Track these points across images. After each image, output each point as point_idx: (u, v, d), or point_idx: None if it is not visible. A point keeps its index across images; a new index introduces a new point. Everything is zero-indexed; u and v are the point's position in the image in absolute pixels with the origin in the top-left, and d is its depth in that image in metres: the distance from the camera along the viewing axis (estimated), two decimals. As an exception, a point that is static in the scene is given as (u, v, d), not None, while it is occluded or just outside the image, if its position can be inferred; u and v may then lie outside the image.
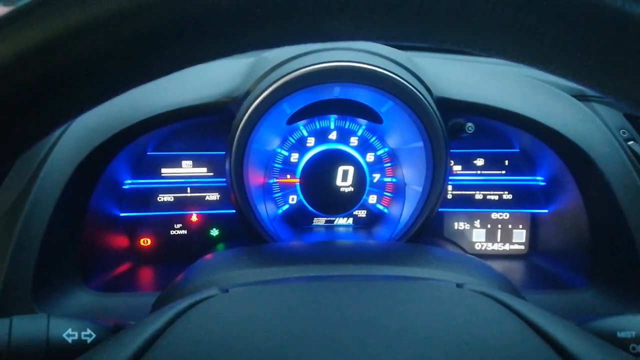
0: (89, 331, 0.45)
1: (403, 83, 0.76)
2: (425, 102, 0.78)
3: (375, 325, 0.36)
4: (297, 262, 0.55)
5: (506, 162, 0.96)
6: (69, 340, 0.44)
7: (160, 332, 0.36)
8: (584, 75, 0.27)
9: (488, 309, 0.40)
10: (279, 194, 0.97)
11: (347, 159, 0.95)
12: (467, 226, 1.00)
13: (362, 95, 0.88)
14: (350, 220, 1.00)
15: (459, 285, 0.44)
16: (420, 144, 0.82)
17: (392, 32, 0.26)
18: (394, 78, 0.76)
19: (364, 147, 0.96)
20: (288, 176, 0.96)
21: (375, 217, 1.00)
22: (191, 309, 0.39)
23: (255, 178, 0.91)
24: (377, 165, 0.97)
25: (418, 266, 0.54)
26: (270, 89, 0.76)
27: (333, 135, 0.96)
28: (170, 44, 0.24)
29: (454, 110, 0.83)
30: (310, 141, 0.96)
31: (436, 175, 0.81)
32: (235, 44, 0.26)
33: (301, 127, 0.95)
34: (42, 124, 0.26)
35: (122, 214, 0.93)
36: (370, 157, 0.97)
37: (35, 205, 0.71)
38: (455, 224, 1.00)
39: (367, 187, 0.97)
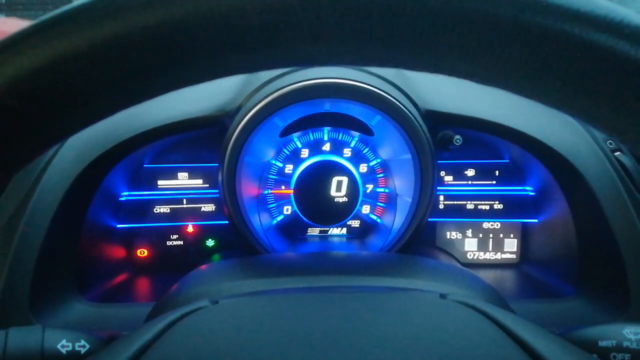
0: (82, 342, 0.46)
1: (389, 98, 0.78)
2: (411, 116, 0.79)
3: (357, 336, 0.37)
4: (287, 273, 0.56)
5: (496, 173, 0.98)
6: (63, 351, 0.45)
7: (150, 343, 0.37)
8: (546, 98, 0.28)
9: (469, 319, 0.41)
10: (274, 204, 0.99)
11: (341, 169, 0.97)
12: (459, 236, 1.01)
13: (352, 109, 0.90)
14: (344, 230, 1.01)
15: (442, 296, 0.46)
16: (409, 156, 0.84)
17: (363, 58, 0.27)
18: (380, 94, 0.78)
19: (357, 158, 0.98)
20: (282, 187, 0.98)
21: (368, 227, 1.01)
22: (181, 320, 0.41)
23: (249, 189, 0.92)
24: (370, 176, 0.98)
25: (405, 277, 0.56)
26: (260, 105, 0.78)
27: (327, 147, 0.97)
28: (156, 72, 0.26)
29: (442, 122, 0.84)
30: (304, 152, 0.97)
31: (424, 186, 0.83)
32: (210, 71, 0.27)
33: (295, 139, 0.96)
34: (34, 144, 0.28)
35: (119, 226, 0.94)
36: (363, 168, 0.98)
37: (33, 217, 0.72)
38: (448, 233, 1.01)
39: (361, 198, 0.98)
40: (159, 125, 0.80)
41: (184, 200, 0.97)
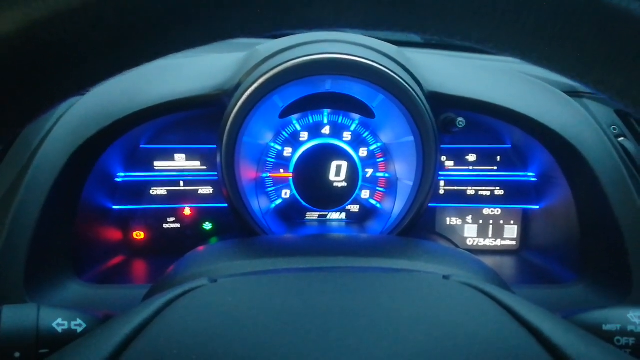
0: (79, 321, 0.45)
1: (393, 76, 0.76)
2: (416, 95, 0.78)
3: (360, 315, 0.36)
4: (287, 254, 0.55)
5: (498, 158, 0.97)
6: (59, 329, 0.44)
7: (148, 321, 0.36)
8: (565, 67, 0.27)
9: (473, 300, 0.40)
10: (272, 188, 0.97)
11: (341, 153, 0.96)
12: (459, 221, 1.00)
13: (354, 89, 0.88)
14: (343, 215, 1.00)
15: (445, 277, 0.45)
16: (411, 138, 0.83)
17: (374, 20, 0.26)
18: (384, 71, 0.76)
19: (357, 142, 0.96)
20: (281, 170, 0.97)
21: (367, 212, 1.00)
22: (179, 298, 0.40)
23: (247, 172, 0.91)
24: (370, 160, 0.97)
25: (407, 259, 0.55)
26: (260, 81, 0.76)
27: (326, 130, 0.96)
28: (152, 31, 0.25)
29: (445, 104, 0.83)
30: (304, 135, 0.96)
31: (426, 169, 0.82)
32: (218, 31, 0.26)
33: (294, 121, 0.95)
34: (31, 103, 0.26)
35: (114, 207, 0.93)
36: (363, 152, 0.97)
37: (27, 197, 0.71)
38: (447, 219, 1.01)
39: (360, 182, 0.97)
40: (155, 103, 0.78)
41: (181, 182, 0.95)
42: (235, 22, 0.25)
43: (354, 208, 1.00)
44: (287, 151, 0.96)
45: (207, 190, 0.96)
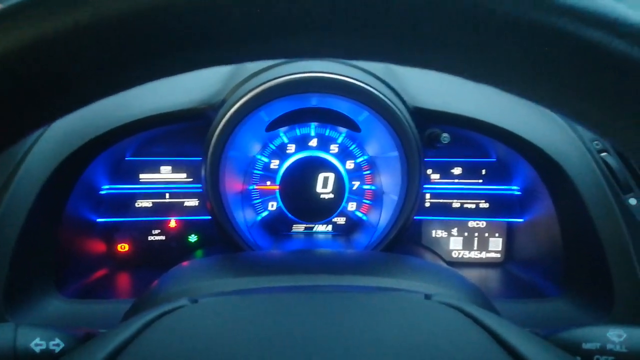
0: (57, 340, 0.45)
1: (376, 94, 0.77)
2: (399, 113, 0.79)
3: (340, 337, 0.36)
4: (269, 272, 0.55)
5: (483, 172, 0.98)
6: (37, 350, 0.44)
7: (127, 342, 0.36)
8: (541, 97, 0.28)
9: (453, 321, 0.40)
10: (258, 200, 0.97)
11: (327, 166, 0.96)
12: (445, 234, 1.01)
13: (340, 104, 0.88)
14: (330, 227, 1.01)
15: (427, 297, 0.45)
16: (396, 153, 0.83)
17: (353, 51, 0.26)
18: (367, 89, 0.77)
19: (344, 154, 0.97)
20: (268, 183, 0.97)
21: (354, 224, 1.00)
22: (159, 319, 0.39)
23: (233, 184, 0.91)
24: (356, 173, 0.98)
25: (390, 276, 0.55)
26: (245, 98, 0.76)
27: (313, 143, 0.96)
28: (132, 61, 0.25)
29: (430, 120, 0.84)
30: (291, 148, 0.96)
31: (411, 184, 0.82)
32: (199, 60, 0.26)
33: (281, 134, 0.95)
34: (14, 126, 0.26)
35: (99, 220, 0.92)
36: (350, 164, 0.97)
37: (9, 210, 0.70)
38: (433, 231, 1.01)
39: (347, 195, 0.97)
40: (141, 117, 0.78)
41: (167, 195, 0.95)
42: (217, 52, 0.25)
43: (341, 220, 1.00)
44: (274, 163, 0.96)
45: (192, 202, 0.96)
